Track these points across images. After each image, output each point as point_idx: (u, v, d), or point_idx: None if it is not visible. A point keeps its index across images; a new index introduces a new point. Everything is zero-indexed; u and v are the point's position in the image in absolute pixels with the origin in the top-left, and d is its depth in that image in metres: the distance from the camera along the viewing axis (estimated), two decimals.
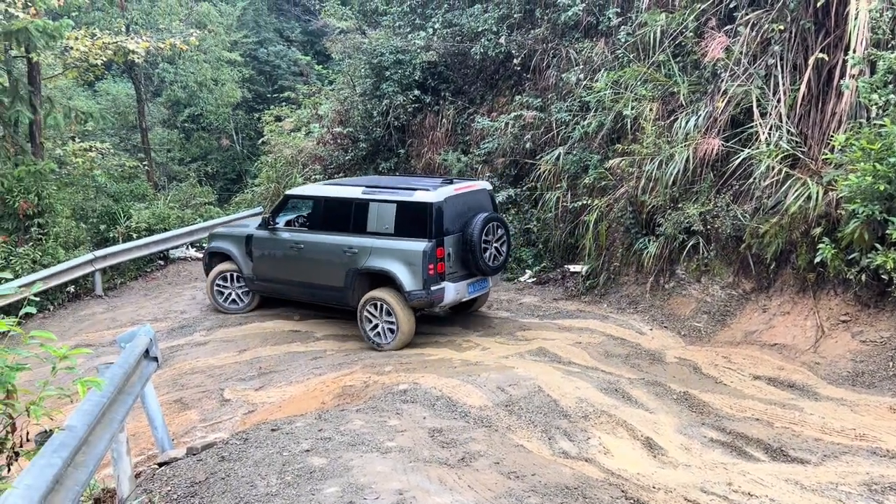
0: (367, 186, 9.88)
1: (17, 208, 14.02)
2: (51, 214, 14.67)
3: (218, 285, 11.52)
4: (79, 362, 3.70)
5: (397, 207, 9.35)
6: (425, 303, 9.22)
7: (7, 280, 9.70)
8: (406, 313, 9.25)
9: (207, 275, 11.96)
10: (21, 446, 3.69)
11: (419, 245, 9.09)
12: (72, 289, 13.83)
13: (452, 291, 9.35)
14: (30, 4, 13.81)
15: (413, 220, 9.22)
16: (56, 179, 16.07)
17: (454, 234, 9.36)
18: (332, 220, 9.99)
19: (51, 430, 3.66)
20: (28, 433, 3.81)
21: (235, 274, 11.33)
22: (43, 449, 3.43)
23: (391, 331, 9.36)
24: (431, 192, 9.24)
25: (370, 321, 9.50)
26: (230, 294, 11.51)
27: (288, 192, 11.24)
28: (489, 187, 10.35)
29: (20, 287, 10.84)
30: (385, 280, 9.43)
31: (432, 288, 9.09)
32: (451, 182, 9.82)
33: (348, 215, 9.76)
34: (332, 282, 9.88)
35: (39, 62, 15.29)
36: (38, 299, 12.49)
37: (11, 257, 13.33)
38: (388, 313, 9.32)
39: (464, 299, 9.79)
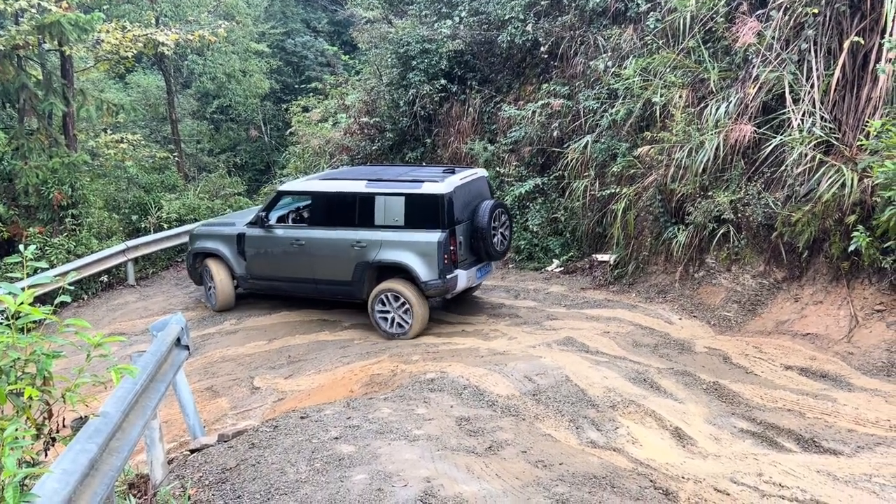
0: (369, 180, 9.88)
1: (51, 199, 14.29)
2: (84, 205, 14.94)
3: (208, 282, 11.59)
4: (112, 350, 3.76)
5: (406, 200, 9.42)
6: (441, 291, 9.40)
7: (43, 270, 9.91)
8: (421, 302, 9.41)
9: (192, 276, 12.02)
10: (57, 432, 3.77)
11: (433, 236, 9.22)
12: (105, 278, 14.09)
13: (464, 278, 9.58)
14: None
15: (424, 211, 9.32)
16: (89, 171, 16.35)
17: (463, 222, 9.53)
18: (336, 215, 9.96)
19: (86, 417, 3.73)
20: (64, 419, 3.89)
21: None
22: (78, 435, 3.50)
23: (406, 321, 9.46)
24: (441, 183, 9.33)
25: (383, 313, 9.61)
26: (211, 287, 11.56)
27: (280, 187, 11.09)
28: (486, 174, 10.68)
29: (55, 276, 11.05)
30: (396, 271, 9.54)
31: (447, 276, 9.26)
32: (453, 171, 9.93)
33: (353, 209, 9.78)
34: (340, 276, 9.93)
35: (72, 55, 15.52)
36: (72, 288, 12.73)
37: (47, 247, 13.60)
38: (402, 303, 9.43)
39: (472, 285, 10.08)
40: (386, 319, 9.60)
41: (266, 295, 11.52)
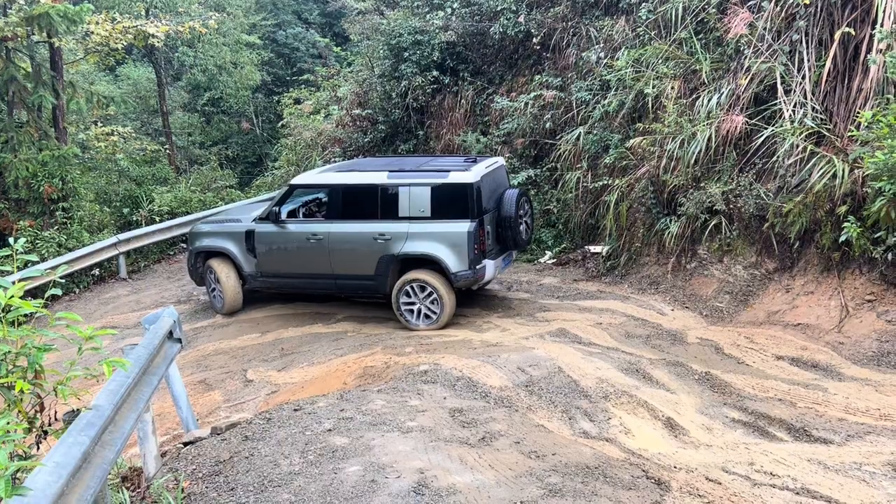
0: (390, 171, 9.62)
1: (42, 192, 14.22)
2: (75, 198, 14.88)
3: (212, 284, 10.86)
4: (104, 344, 3.75)
5: (433, 190, 9.20)
6: (471, 282, 9.25)
7: (33, 263, 9.86)
8: (449, 294, 9.24)
9: (192, 277, 11.28)
10: (49, 425, 3.76)
11: (462, 226, 9.06)
12: (97, 272, 14.04)
13: (492, 268, 9.47)
14: None
15: (452, 201, 9.13)
16: (79, 164, 16.28)
17: (490, 211, 9.41)
18: (356, 207, 9.64)
19: (78, 410, 3.72)
20: (56, 412, 3.88)
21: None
22: (70, 428, 3.49)
23: (433, 312, 9.32)
24: (468, 172, 9.16)
25: (409, 305, 9.42)
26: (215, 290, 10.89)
27: (293, 181, 10.52)
28: (504, 162, 10.53)
29: (46, 270, 10.98)
30: (422, 263, 9.34)
31: (477, 267, 9.14)
32: (475, 161, 9.77)
33: (375, 202, 9.48)
34: (362, 271, 9.61)
35: (61, 47, 15.41)
36: (63, 281, 12.72)
37: (38, 241, 13.55)
38: (429, 295, 9.27)
39: (497, 275, 9.95)
40: (412, 312, 9.41)
41: (260, 288, 11.23)
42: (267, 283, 10.53)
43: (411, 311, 9.43)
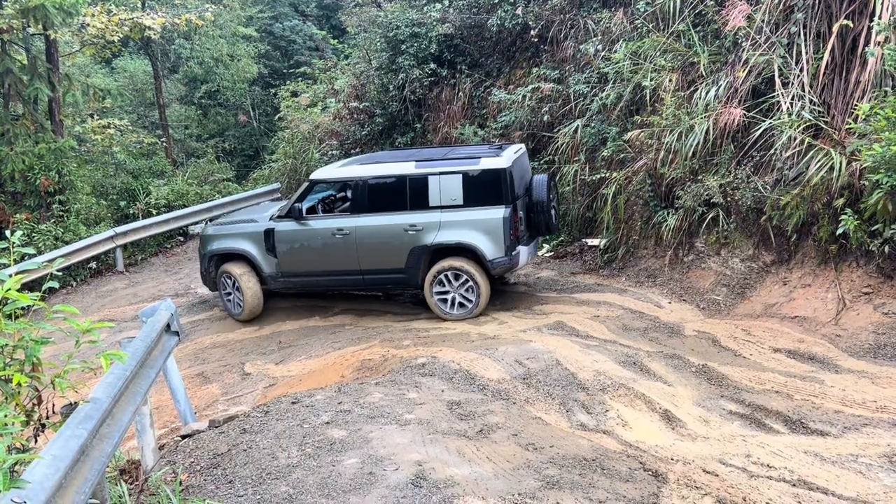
0: (417, 160, 9.50)
1: (38, 185, 14.20)
2: (71, 191, 14.86)
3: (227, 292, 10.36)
4: (101, 337, 3.74)
5: (465, 177, 9.10)
6: (506, 269, 9.26)
7: (30, 256, 9.85)
8: (485, 281, 9.19)
9: (205, 282, 10.74)
10: (47, 418, 3.76)
11: (497, 212, 9.02)
12: (94, 265, 14.03)
13: (525, 254, 9.50)
14: None
15: (486, 187, 9.07)
16: (76, 156, 16.26)
17: (521, 197, 9.37)
18: (384, 199, 9.46)
19: (76, 403, 3.72)
20: (53, 406, 3.88)
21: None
22: (68, 421, 3.49)
23: (468, 300, 9.25)
24: (500, 158, 9.13)
25: (442, 294, 9.32)
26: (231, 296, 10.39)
27: (314, 176, 10.13)
28: (525, 150, 10.53)
29: (43, 263, 10.95)
30: (457, 252, 9.24)
31: (513, 253, 9.12)
32: (500, 147, 9.74)
33: (403, 193, 9.32)
34: (392, 264, 9.42)
35: (57, 39, 15.36)
36: (60, 274, 12.75)
37: (34, 234, 13.53)
38: (464, 283, 9.20)
39: (529, 261, 9.99)
40: (446, 302, 9.31)
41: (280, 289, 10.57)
42: (288, 283, 10.14)
43: (445, 301, 9.34)
